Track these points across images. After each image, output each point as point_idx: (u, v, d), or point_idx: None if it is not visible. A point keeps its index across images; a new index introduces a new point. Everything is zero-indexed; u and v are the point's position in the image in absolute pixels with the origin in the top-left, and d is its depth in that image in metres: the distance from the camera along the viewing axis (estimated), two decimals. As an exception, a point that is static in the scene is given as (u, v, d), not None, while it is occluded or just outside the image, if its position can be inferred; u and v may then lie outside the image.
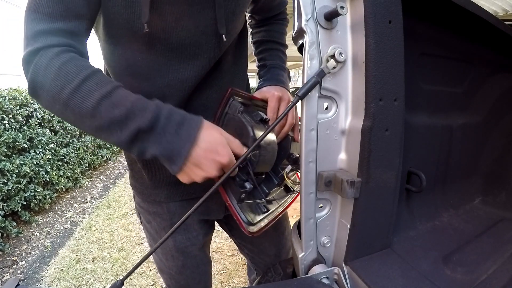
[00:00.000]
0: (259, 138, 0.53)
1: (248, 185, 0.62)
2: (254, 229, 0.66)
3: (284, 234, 0.91)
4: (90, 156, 3.97)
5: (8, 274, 2.03)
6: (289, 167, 0.74)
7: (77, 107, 0.46)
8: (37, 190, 2.69)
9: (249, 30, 0.85)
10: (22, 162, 2.54)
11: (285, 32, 0.83)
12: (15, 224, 2.40)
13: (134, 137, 0.47)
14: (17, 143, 2.50)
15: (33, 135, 2.77)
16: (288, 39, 0.74)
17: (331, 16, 0.50)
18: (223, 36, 0.60)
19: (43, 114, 2.97)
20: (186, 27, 0.57)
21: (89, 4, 0.50)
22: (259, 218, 0.70)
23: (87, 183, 3.76)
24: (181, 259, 0.76)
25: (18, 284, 0.46)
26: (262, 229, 0.68)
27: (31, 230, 2.59)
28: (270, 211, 0.72)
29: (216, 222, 0.88)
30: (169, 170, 0.51)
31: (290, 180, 0.75)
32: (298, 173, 0.75)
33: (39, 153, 2.82)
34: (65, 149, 3.33)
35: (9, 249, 2.26)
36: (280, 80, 0.74)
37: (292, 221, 0.76)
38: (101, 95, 0.46)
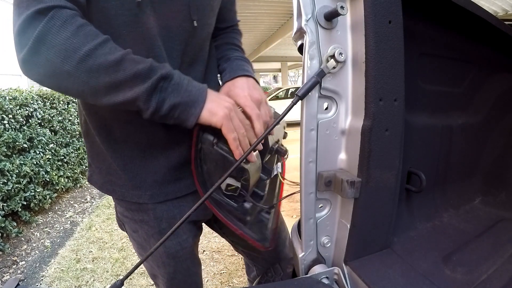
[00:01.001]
0: (252, 145, 0.54)
1: (247, 205, 0.64)
2: (267, 244, 0.67)
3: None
4: (90, 156, 3.97)
5: (8, 274, 2.03)
6: (279, 164, 0.75)
7: (97, 62, 0.46)
8: (37, 190, 2.69)
9: None
10: (22, 162, 2.54)
11: (241, 40, 0.88)
12: (15, 224, 2.40)
13: (155, 85, 0.50)
14: (17, 143, 2.50)
15: (33, 135, 2.77)
16: (288, 39, 0.74)
17: (331, 16, 0.51)
18: (195, 22, 0.62)
19: (43, 114, 2.97)
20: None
21: None
22: (266, 227, 0.71)
23: (87, 183, 3.76)
24: (172, 265, 0.74)
25: (18, 284, 0.46)
26: (273, 238, 0.69)
27: (31, 230, 2.59)
28: (271, 214, 0.73)
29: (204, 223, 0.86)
30: (187, 122, 0.54)
31: (286, 180, 0.76)
32: (285, 159, 0.79)
33: (39, 153, 2.82)
34: (65, 149, 3.33)
35: (9, 249, 2.25)
36: (245, 69, 0.71)
37: (292, 221, 0.77)
38: (123, 52, 0.48)
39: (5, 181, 2.33)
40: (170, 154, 0.66)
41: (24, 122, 2.73)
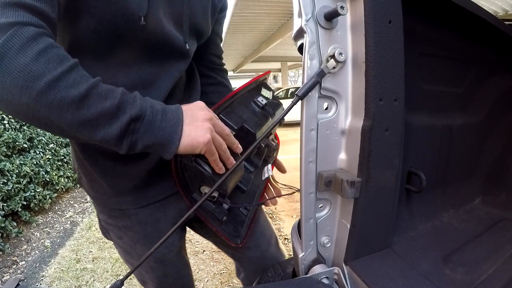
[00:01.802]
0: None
1: (225, 206, 0.66)
2: (238, 241, 0.70)
3: (259, 221, 0.87)
4: (90, 156, 3.97)
5: (8, 274, 2.03)
6: (269, 166, 0.77)
7: (58, 97, 0.39)
8: (37, 190, 2.69)
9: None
10: (22, 162, 2.54)
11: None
12: (15, 224, 2.40)
13: (125, 129, 0.44)
14: (17, 143, 2.50)
15: (33, 135, 2.77)
16: (288, 39, 0.75)
17: (331, 16, 0.50)
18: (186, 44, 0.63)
19: (43, 114, 2.97)
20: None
21: None
22: (242, 224, 0.73)
23: (87, 183, 3.77)
24: (161, 268, 0.74)
25: (18, 284, 0.46)
26: (246, 235, 0.72)
27: (31, 230, 2.59)
28: (250, 211, 0.74)
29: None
30: (164, 156, 0.50)
31: (279, 184, 0.77)
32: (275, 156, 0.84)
33: (39, 153, 2.82)
34: (65, 149, 3.33)
35: (9, 249, 2.25)
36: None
37: (292, 221, 0.77)
38: (89, 85, 0.42)
39: (5, 181, 2.33)
40: (150, 159, 0.64)
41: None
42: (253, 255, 0.86)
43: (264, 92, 0.78)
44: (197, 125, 0.50)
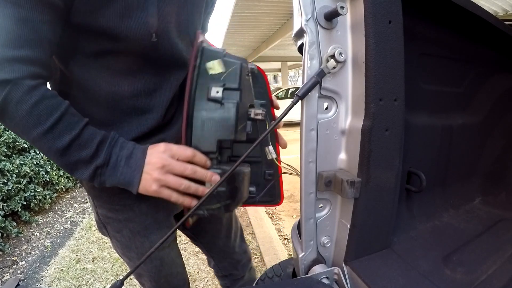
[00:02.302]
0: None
1: (252, 189, 0.65)
2: (278, 201, 0.68)
3: (232, 217, 0.95)
4: (90, 156, 3.98)
5: (8, 274, 2.03)
6: (270, 148, 0.64)
7: (46, 146, 0.50)
8: (37, 190, 2.69)
9: None
10: (22, 162, 2.54)
11: None
12: (15, 224, 2.40)
13: (93, 173, 0.54)
14: (17, 143, 2.50)
15: (33, 135, 2.77)
16: (288, 39, 0.74)
17: (331, 16, 0.50)
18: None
19: (43, 114, 2.98)
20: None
21: (55, 27, 0.50)
22: (274, 188, 0.70)
23: (87, 183, 3.77)
24: (158, 258, 0.76)
25: (18, 284, 0.46)
26: (281, 193, 0.70)
27: (31, 230, 2.59)
28: (273, 174, 0.70)
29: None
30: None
31: (283, 163, 0.71)
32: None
33: (39, 153, 2.82)
34: (65, 149, 3.33)
35: (9, 249, 2.25)
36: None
37: (292, 221, 0.77)
38: (71, 138, 0.51)
39: (5, 181, 2.33)
40: None
41: (24, 122, 2.73)
42: (223, 244, 0.95)
43: (213, 67, 0.59)
44: (146, 177, 0.55)
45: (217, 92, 0.56)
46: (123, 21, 0.52)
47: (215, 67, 0.58)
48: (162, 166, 0.55)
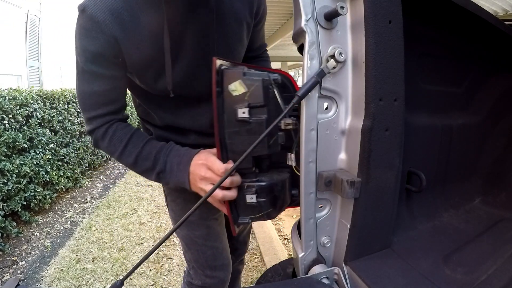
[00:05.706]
0: (251, 146, 0.54)
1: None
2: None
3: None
4: (90, 156, 3.96)
5: (8, 274, 2.03)
6: (292, 156, 0.64)
7: (124, 162, 0.74)
8: (37, 190, 2.68)
9: None
10: (22, 162, 2.54)
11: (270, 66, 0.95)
12: (15, 224, 2.40)
13: (157, 177, 0.74)
14: (17, 143, 2.49)
15: (33, 135, 2.76)
16: (288, 39, 0.74)
17: (331, 16, 0.50)
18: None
19: (43, 114, 2.97)
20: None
21: (121, 91, 0.74)
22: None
23: (87, 183, 3.76)
24: (205, 226, 0.89)
25: (18, 284, 0.46)
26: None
27: (31, 230, 2.59)
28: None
29: None
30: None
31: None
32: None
33: (39, 153, 2.82)
34: (65, 149, 3.32)
35: (9, 249, 2.25)
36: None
37: (292, 221, 0.77)
38: (136, 154, 0.72)
39: (5, 181, 2.33)
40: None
41: (24, 122, 2.73)
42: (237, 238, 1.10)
43: (236, 89, 0.60)
44: (193, 182, 0.71)
45: (243, 112, 0.58)
46: (152, 84, 0.74)
47: (237, 88, 0.59)
48: (202, 178, 0.69)
